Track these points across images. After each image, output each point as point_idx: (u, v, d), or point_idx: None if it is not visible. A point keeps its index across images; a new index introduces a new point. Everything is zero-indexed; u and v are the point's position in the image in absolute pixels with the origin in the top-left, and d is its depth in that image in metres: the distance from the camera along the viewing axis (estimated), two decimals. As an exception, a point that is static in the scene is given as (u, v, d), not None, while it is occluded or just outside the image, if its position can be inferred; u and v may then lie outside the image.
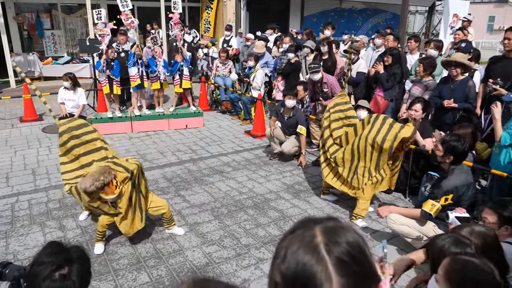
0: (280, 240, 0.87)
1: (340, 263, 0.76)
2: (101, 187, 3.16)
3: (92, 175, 3.15)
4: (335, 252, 0.77)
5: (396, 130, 3.91)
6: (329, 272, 0.75)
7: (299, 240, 0.80)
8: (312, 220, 0.86)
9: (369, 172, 4.15)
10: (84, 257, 1.57)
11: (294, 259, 0.78)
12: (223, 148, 6.51)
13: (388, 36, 6.79)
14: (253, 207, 4.53)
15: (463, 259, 1.57)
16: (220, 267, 3.45)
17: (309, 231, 0.81)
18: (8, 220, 4.13)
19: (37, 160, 5.84)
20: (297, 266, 0.77)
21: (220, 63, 8.60)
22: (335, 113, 4.55)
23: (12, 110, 8.62)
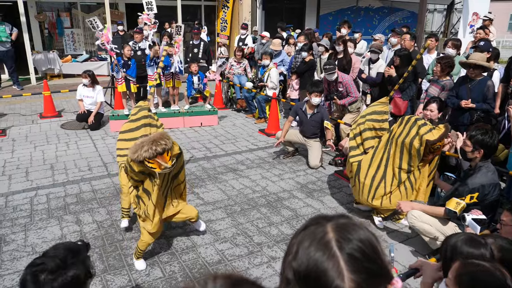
0: (292, 237, 0.88)
1: (351, 259, 0.77)
2: (161, 152, 2.79)
3: (151, 138, 2.79)
4: (347, 248, 0.78)
5: (422, 132, 3.66)
6: (340, 268, 0.76)
7: (311, 237, 0.81)
8: (324, 217, 0.87)
9: (399, 179, 3.87)
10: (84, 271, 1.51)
11: (305, 255, 0.79)
12: (237, 146, 6.55)
13: (404, 35, 6.71)
14: (266, 205, 4.54)
15: (474, 263, 1.54)
16: (232, 264, 3.47)
17: (321, 228, 0.82)
18: (28, 214, 4.24)
19: (55, 155, 5.98)
20: (309, 262, 0.78)
21: (235, 62, 8.63)
22: (370, 121, 4.22)
23: (32, 106, 8.83)
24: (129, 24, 12.32)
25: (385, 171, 3.94)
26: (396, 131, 3.90)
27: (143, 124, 3.66)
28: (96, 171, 5.40)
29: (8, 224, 4.02)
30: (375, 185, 3.98)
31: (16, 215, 4.21)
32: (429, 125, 3.73)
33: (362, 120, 4.28)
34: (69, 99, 9.22)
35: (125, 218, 3.90)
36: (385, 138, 4.04)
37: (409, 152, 3.76)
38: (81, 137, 6.85)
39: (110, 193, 4.76)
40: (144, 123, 3.67)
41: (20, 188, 4.86)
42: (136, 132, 3.65)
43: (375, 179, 3.99)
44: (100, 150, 6.22)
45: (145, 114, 3.71)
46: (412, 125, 3.77)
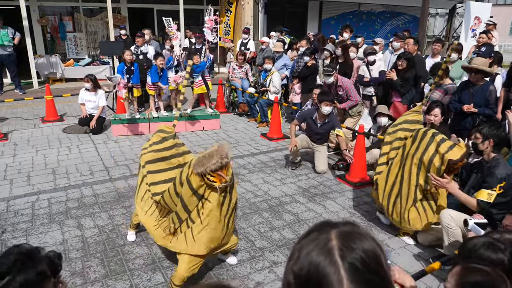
0: (295, 243, 0.87)
1: (352, 269, 0.76)
2: (225, 165, 2.70)
3: (218, 150, 2.70)
4: (349, 257, 0.77)
5: (443, 151, 3.40)
6: (341, 277, 0.75)
7: (314, 243, 0.81)
8: (329, 223, 0.86)
9: (414, 197, 3.67)
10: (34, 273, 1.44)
11: (307, 260, 0.79)
12: (239, 150, 6.54)
13: (408, 39, 6.71)
14: (268, 210, 4.53)
15: (474, 268, 1.54)
16: (234, 269, 3.46)
17: (325, 234, 0.82)
18: (29, 218, 4.24)
19: (57, 159, 5.98)
20: (310, 267, 0.78)
21: (236, 66, 8.64)
22: (402, 131, 4.01)
23: (34, 110, 8.85)
24: (131, 28, 12.36)
25: (401, 188, 3.75)
26: (411, 147, 3.69)
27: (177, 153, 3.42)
28: (98, 176, 5.39)
29: (10, 229, 4.01)
30: (391, 202, 3.84)
31: (18, 219, 4.21)
32: (448, 141, 3.48)
33: (394, 129, 4.08)
34: (71, 103, 9.24)
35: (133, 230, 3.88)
36: (399, 154, 3.85)
37: (427, 169, 3.52)
38: (83, 141, 6.85)
39: (111, 197, 4.76)
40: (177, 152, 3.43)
41: (21, 192, 4.85)
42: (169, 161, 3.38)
43: (391, 196, 3.84)
44: (102, 155, 6.22)
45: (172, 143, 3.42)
46: (429, 141, 3.53)
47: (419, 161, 3.58)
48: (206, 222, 2.91)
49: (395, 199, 3.81)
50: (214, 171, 2.68)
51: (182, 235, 3.01)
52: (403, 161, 3.77)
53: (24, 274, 1.42)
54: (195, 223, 2.95)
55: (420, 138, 3.64)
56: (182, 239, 3.01)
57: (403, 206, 3.74)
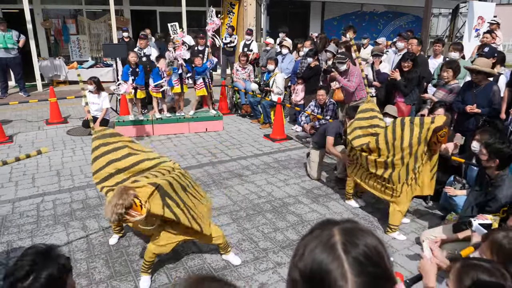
0: (302, 238, 0.89)
1: (356, 263, 0.78)
2: (124, 213, 2.66)
3: (110, 202, 2.68)
4: (352, 252, 0.79)
5: (428, 125, 3.73)
6: (344, 271, 0.77)
7: (317, 239, 0.83)
8: (331, 221, 0.88)
9: (406, 172, 3.90)
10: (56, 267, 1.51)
11: (311, 257, 0.81)
12: (242, 151, 6.55)
13: (411, 40, 6.71)
14: (272, 211, 4.53)
15: (474, 264, 1.58)
16: (238, 270, 3.47)
17: (328, 231, 0.84)
18: (34, 220, 4.26)
19: (61, 161, 6.01)
20: (314, 263, 0.80)
21: (240, 67, 8.65)
22: (357, 120, 4.30)
23: (38, 112, 8.90)
24: (134, 30, 12.41)
25: (391, 175, 3.95)
26: (396, 141, 3.85)
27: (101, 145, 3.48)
28: (102, 177, 5.41)
29: (15, 230, 4.04)
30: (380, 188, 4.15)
31: (23, 221, 4.24)
32: (428, 118, 3.84)
33: (352, 120, 4.41)
34: (75, 105, 9.28)
35: (116, 234, 3.90)
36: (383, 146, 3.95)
37: (416, 149, 3.79)
38: (87, 143, 6.88)
39: (115, 199, 4.77)
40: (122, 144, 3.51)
41: (26, 194, 4.89)
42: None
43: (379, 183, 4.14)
44: (106, 156, 6.24)
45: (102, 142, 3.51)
46: (411, 126, 3.81)
47: (409, 145, 3.78)
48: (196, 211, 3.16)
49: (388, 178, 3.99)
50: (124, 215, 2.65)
51: None
52: (390, 152, 3.91)
53: (47, 270, 1.48)
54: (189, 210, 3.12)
55: (401, 128, 3.85)
56: None
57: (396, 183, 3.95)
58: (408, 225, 4.25)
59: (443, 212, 4.47)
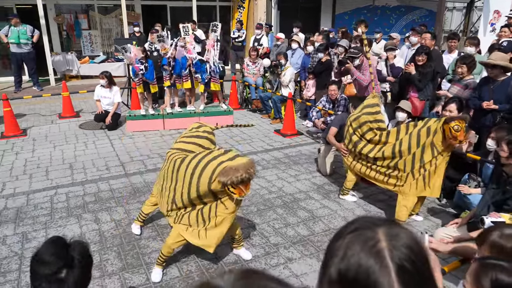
0: (335, 237, 0.86)
1: (402, 271, 0.76)
2: (247, 180, 2.85)
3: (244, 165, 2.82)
4: (398, 259, 0.77)
5: (433, 121, 3.84)
6: (392, 280, 0.75)
7: (361, 242, 0.80)
8: (373, 220, 0.85)
9: (412, 162, 3.91)
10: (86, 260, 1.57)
11: (355, 261, 0.77)
12: (253, 146, 6.54)
13: (425, 34, 6.60)
14: (283, 206, 4.52)
15: (492, 264, 1.53)
16: (248, 265, 3.47)
17: (372, 233, 0.80)
18: (48, 212, 4.32)
19: (74, 155, 6.07)
20: (359, 269, 0.76)
21: (250, 62, 8.62)
22: (365, 114, 4.33)
23: (51, 107, 8.99)
24: (145, 25, 12.44)
25: (397, 163, 4.02)
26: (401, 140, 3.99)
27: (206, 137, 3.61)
28: (114, 171, 5.46)
29: (30, 222, 4.10)
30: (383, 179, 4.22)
31: (37, 213, 4.29)
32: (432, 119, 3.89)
33: (358, 115, 4.38)
34: (87, 99, 9.35)
35: (139, 223, 3.92)
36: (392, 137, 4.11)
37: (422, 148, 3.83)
38: (99, 137, 6.94)
39: (127, 192, 4.81)
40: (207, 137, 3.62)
41: (40, 186, 4.95)
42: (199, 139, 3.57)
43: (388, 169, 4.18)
44: (118, 150, 6.29)
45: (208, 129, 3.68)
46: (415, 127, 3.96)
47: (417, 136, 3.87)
48: (219, 224, 3.11)
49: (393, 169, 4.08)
50: (237, 184, 2.82)
51: (196, 231, 3.15)
52: (396, 146, 4.01)
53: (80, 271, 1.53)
54: (209, 223, 3.11)
55: (405, 131, 4.02)
56: (195, 233, 3.15)
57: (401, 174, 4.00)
58: (421, 222, 4.21)
59: (457, 210, 4.41)
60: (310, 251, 3.68)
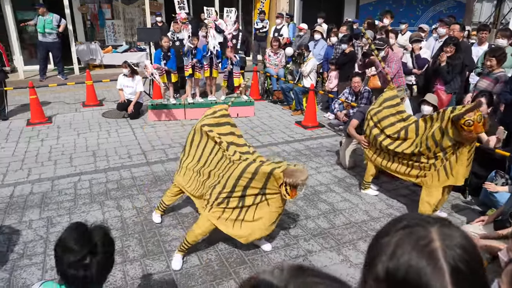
0: (381, 233, 0.82)
1: (456, 273, 0.72)
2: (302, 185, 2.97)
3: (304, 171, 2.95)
4: (452, 261, 0.73)
5: (447, 115, 3.66)
6: (445, 283, 0.71)
7: (412, 240, 0.75)
8: (424, 218, 0.80)
9: (433, 154, 3.81)
10: (109, 246, 1.59)
11: (406, 260, 0.74)
12: (274, 138, 6.50)
13: (453, 25, 6.39)
14: (303, 198, 4.48)
15: None
16: (268, 256, 3.46)
17: (424, 232, 0.76)
18: (72, 198, 4.40)
19: (97, 142, 6.17)
20: (410, 269, 0.73)
21: (272, 53, 8.55)
22: (386, 108, 4.28)
23: (75, 95, 9.15)
24: (167, 15, 12.47)
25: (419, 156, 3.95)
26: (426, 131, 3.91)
27: (226, 122, 3.64)
28: (136, 159, 5.53)
29: (54, 207, 4.19)
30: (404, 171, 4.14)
31: (61, 198, 4.39)
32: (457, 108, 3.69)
33: (379, 109, 4.32)
34: (110, 88, 9.48)
35: (159, 212, 3.96)
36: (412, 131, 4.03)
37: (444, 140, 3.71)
38: (121, 126, 7.03)
39: (149, 180, 4.86)
40: (226, 121, 3.65)
41: (64, 173, 5.05)
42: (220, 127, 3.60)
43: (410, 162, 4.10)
44: (139, 139, 6.36)
45: (224, 113, 3.71)
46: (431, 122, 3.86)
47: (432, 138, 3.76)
48: (257, 219, 3.14)
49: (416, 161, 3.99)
50: (296, 186, 2.91)
51: (230, 220, 3.16)
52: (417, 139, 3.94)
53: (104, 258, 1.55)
54: (246, 213, 3.13)
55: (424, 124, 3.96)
56: (230, 223, 3.16)
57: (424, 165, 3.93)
58: (444, 218, 4.10)
59: (483, 207, 4.28)
60: (330, 244, 3.65)
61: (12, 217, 3.99)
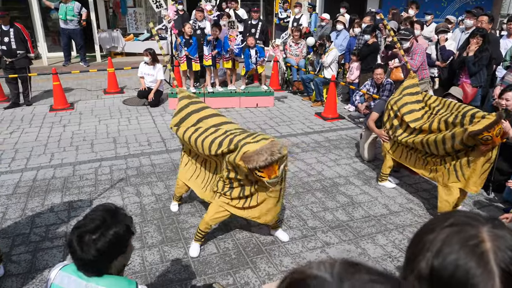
0: (425, 229, 0.78)
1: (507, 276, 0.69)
2: (273, 162, 2.72)
3: (266, 147, 2.71)
4: (503, 263, 0.69)
5: (467, 123, 3.48)
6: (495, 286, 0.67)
7: (461, 239, 0.72)
8: (473, 216, 0.76)
9: (444, 151, 3.70)
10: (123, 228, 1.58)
11: (453, 259, 0.70)
12: (293, 128, 6.45)
13: (481, 17, 6.17)
14: (321, 190, 4.45)
15: None
16: (285, 246, 3.45)
17: (474, 231, 0.72)
18: (92, 183, 4.48)
19: (118, 129, 6.25)
20: (457, 270, 0.69)
21: (292, 42, 8.45)
22: (406, 96, 4.24)
23: (97, 82, 9.27)
24: (189, 3, 12.46)
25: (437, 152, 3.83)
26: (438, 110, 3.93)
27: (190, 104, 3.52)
28: (155, 147, 5.57)
29: (76, 192, 4.27)
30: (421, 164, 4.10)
31: (82, 183, 4.47)
32: (480, 112, 3.50)
33: (399, 97, 4.26)
34: (131, 76, 9.56)
35: (176, 202, 3.99)
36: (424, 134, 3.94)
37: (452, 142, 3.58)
38: (142, 113, 7.09)
39: (168, 168, 4.90)
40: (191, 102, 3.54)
41: (86, 158, 5.14)
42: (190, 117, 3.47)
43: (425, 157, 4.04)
44: (159, 126, 6.41)
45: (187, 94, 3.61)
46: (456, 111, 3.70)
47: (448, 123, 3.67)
48: (262, 202, 3.12)
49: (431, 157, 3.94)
50: (263, 168, 2.72)
51: (238, 207, 3.18)
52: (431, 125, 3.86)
53: (114, 227, 1.55)
54: (251, 201, 3.12)
55: (446, 106, 3.92)
56: (239, 206, 3.18)
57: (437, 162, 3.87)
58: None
59: (506, 205, 4.16)
60: (348, 236, 3.61)
61: (35, 200, 4.09)
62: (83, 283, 1.56)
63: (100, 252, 1.50)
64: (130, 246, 1.66)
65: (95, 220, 1.54)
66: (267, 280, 3.05)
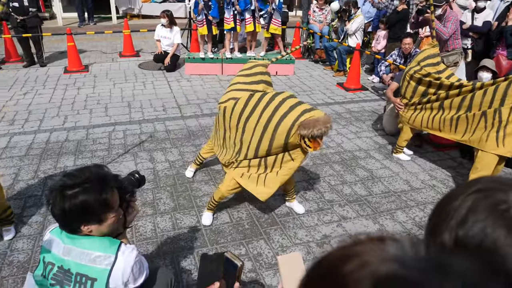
0: (449, 197, 0.67)
1: None
2: (323, 134, 2.69)
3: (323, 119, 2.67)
4: None
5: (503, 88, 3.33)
6: None
7: (489, 205, 0.62)
8: (503, 181, 0.65)
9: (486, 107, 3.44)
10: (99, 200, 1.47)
11: (480, 228, 0.61)
12: (313, 98, 6.21)
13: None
14: (340, 163, 4.27)
15: None
16: (300, 218, 3.32)
17: (504, 196, 0.61)
18: (106, 147, 4.40)
19: (132, 93, 6.12)
20: (485, 239, 0.60)
21: (317, 8, 8.04)
22: (426, 66, 3.95)
23: (113, 45, 9.11)
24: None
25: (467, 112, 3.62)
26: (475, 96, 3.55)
27: (261, 80, 3.29)
28: (170, 112, 5.44)
29: (88, 155, 4.20)
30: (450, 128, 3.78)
31: (95, 147, 4.39)
32: None
33: (418, 68, 3.98)
34: (147, 39, 9.37)
35: (194, 167, 3.86)
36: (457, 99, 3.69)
37: None
38: (157, 78, 6.94)
39: (183, 134, 4.77)
40: (261, 79, 3.29)
41: (99, 122, 5.05)
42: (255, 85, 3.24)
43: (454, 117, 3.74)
44: (175, 92, 6.25)
45: (262, 70, 3.34)
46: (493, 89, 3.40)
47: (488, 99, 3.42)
48: (282, 176, 2.98)
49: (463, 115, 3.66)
50: (315, 137, 2.66)
51: (255, 176, 3.02)
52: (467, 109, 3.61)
53: (87, 195, 1.45)
54: (271, 171, 2.99)
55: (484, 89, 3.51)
56: (252, 179, 3.02)
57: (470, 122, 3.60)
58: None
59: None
60: (366, 211, 3.45)
61: (48, 163, 4.03)
62: (61, 246, 1.53)
63: (65, 212, 1.43)
64: (109, 219, 1.53)
65: (77, 177, 1.46)
66: (280, 252, 2.95)
